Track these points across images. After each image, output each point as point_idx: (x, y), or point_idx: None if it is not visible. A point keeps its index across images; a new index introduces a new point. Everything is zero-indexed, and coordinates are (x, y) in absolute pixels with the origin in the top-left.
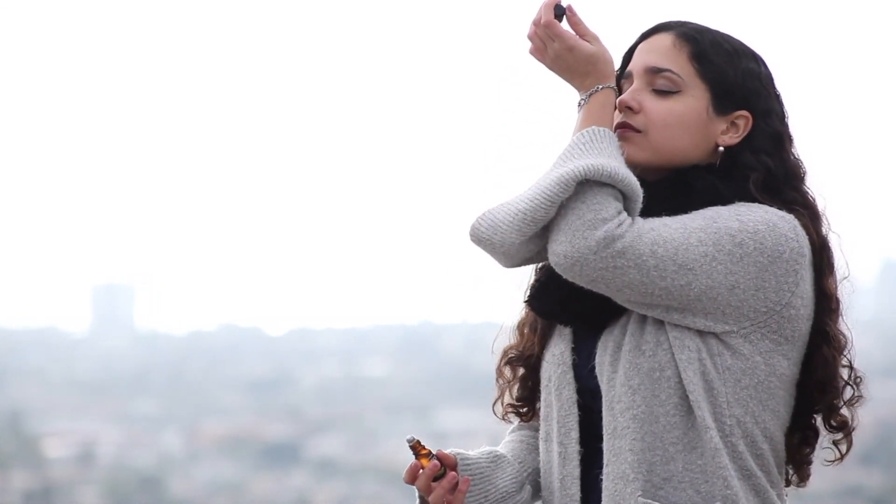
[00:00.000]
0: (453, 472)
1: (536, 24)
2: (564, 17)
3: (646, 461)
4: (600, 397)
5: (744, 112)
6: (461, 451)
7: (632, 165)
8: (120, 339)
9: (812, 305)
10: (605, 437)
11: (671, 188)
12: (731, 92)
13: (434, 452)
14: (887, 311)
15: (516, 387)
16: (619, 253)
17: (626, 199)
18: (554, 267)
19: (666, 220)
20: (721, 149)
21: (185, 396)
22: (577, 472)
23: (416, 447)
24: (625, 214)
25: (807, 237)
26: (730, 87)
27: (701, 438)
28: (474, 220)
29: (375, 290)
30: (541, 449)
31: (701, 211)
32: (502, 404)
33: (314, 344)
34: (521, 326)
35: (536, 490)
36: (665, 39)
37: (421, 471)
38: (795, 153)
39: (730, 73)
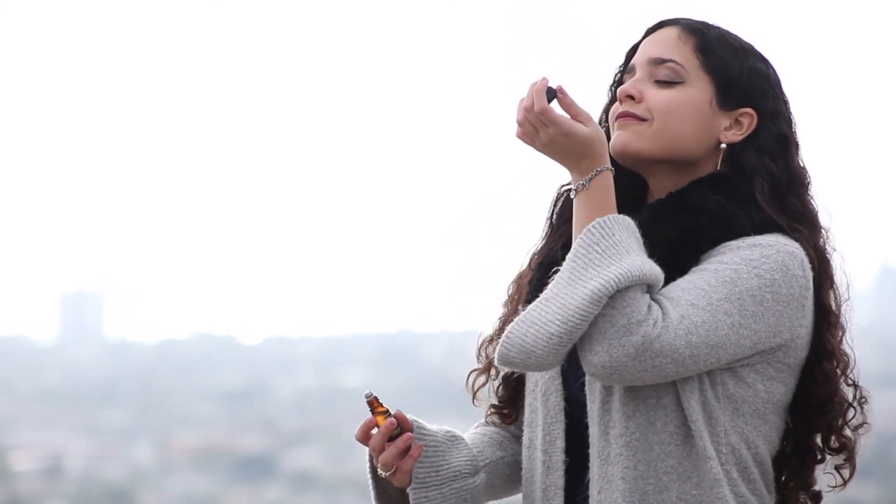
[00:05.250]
0: (409, 434)
1: (528, 110)
2: (556, 98)
3: (638, 490)
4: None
5: (749, 110)
6: (419, 420)
7: (631, 158)
8: (89, 348)
9: (811, 326)
10: (596, 464)
11: (675, 210)
12: (735, 87)
13: (391, 412)
14: (885, 318)
15: (499, 387)
16: (658, 353)
17: (650, 287)
18: (590, 376)
19: (689, 294)
20: (723, 146)
21: (157, 407)
22: (561, 482)
23: (373, 403)
24: (655, 308)
25: (809, 265)
26: (735, 81)
27: (697, 468)
28: (500, 346)
29: (354, 298)
30: (523, 456)
31: (719, 270)
32: (472, 384)
33: (290, 353)
34: (505, 322)
35: (491, 486)
36: (670, 33)
37: (375, 429)
38: (801, 161)
39: (735, 67)
